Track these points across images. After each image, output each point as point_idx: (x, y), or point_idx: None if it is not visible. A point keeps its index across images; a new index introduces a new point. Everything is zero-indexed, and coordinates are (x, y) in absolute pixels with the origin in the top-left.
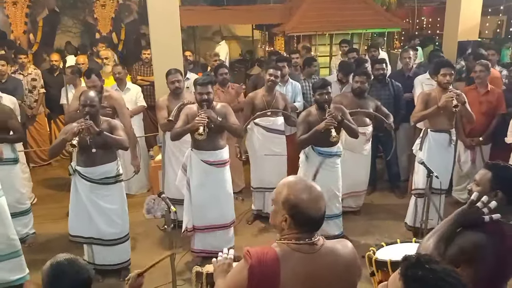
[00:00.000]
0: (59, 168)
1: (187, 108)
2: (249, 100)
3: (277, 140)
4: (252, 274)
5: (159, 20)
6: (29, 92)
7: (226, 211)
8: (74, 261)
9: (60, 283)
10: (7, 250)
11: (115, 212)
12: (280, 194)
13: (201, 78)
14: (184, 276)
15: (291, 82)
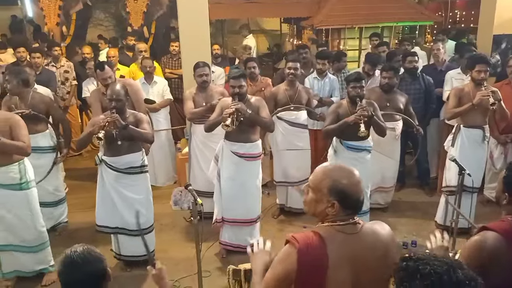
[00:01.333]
0: (90, 158)
1: (222, 100)
2: (272, 95)
3: (300, 134)
4: (301, 257)
5: (188, 13)
6: (62, 84)
7: (252, 206)
8: (88, 252)
9: (72, 274)
10: (35, 242)
11: (140, 202)
12: (321, 182)
13: (234, 71)
14: (209, 267)
15: (329, 77)
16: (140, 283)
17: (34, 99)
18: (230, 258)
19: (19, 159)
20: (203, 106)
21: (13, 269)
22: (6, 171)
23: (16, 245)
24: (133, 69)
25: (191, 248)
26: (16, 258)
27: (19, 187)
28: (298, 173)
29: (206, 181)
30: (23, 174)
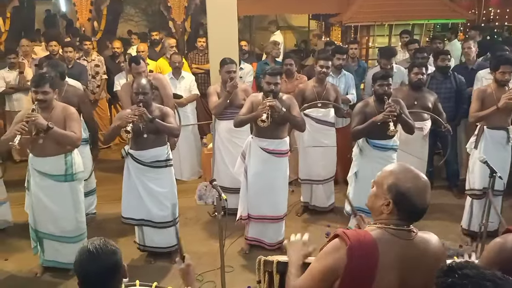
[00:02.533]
0: (118, 151)
1: (252, 96)
2: (300, 91)
3: (327, 132)
4: (352, 254)
5: (217, 9)
6: (92, 77)
7: (279, 202)
8: (104, 245)
9: (87, 265)
10: (74, 233)
11: (165, 195)
12: (386, 178)
13: (271, 67)
14: (232, 263)
15: (344, 74)
16: (163, 274)
17: (68, 92)
18: (253, 254)
19: (67, 151)
20: (226, 102)
21: (53, 259)
22: (53, 161)
23: (57, 236)
24: (160, 64)
25: (214, 242)
26: (56, 249)
27: (64, 178)
28: (324, 171)
29: (230, 177)
30: (69, 166)
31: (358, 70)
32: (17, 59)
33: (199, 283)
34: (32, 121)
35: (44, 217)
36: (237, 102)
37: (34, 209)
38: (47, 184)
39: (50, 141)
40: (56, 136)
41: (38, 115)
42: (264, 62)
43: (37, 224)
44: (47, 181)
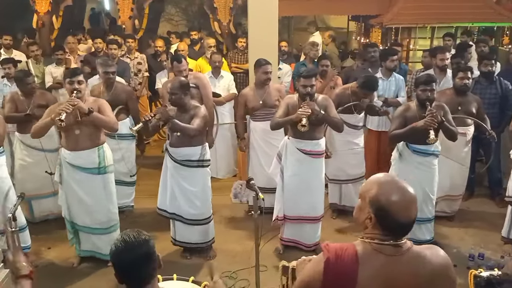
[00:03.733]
0: (158, 147)
1: (287, 97)
2: (335, 97)
3: (356, 132)
4: (328, 268)
5: (258, 9)
6: (134, 75)
7: (316, 203)
8: (138, 234)
9: (122, 255)
10: (108, 224)
11: (195, 195)
12: (368, 192)
13: (306, 70)
14: (265, 262)
15: (395, 76)
16: (197, 270)
17: (117, 88)
18: (287, 255)
19: (100, 144)
20: (259, 103)
21: (89, 249)
22: (87, 155)
23: (93, 228)
24: (200, 63)
25: (248, 241)
26: (91, 240)
27: (97, 171)
28: (352, 172)
29: (265, 177)
30: (101, 159)
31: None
32: (64, 55)
33: (233, 281)
34: (74, 105)
35: (79, 210)
36: (270, 102)
37: (68, 202)
38: (80, 177)
39: (84, 134)
40: (97, 120)
41: (79, 100)
42: (301, 63)
43: (72, 216)
44: (81, 175)
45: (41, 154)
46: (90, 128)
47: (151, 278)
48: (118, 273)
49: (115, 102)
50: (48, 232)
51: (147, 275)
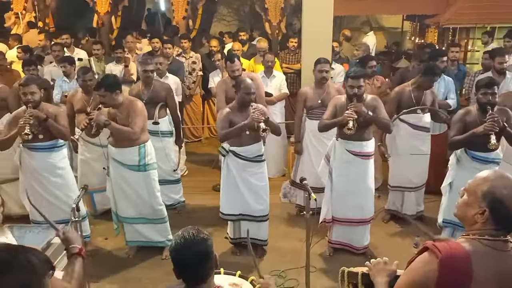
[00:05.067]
0: (209, 145)
1: (335, 98)
2: (395, 95)
3: (422, 137)
4: (443, 268)
5: (313, 9)
6: (189, 74)
7: (366, 205)
8: (197, 233)
9: (181, 252)
10: (153, 216)
11: (264, 189)
12: (479, 186)
13: (353, 70)
14: (314, 263)
15: (444, 78)
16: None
17: (156, 86)
18: (336, 257)
19: (141, 142)
20: (318, 102)
21: (135, 239)
22: (127, 152)
23: (137, 218)
24: (252, 62)
25: (297, 241)
26: (137, 230)
27: (137, 168)
28: (416, 179)
29: (315, 176)
30: (142, 157)
31: (458, 74)
32: (123, 54)
33: (282, 280)
34: (92, 120)
35: (124, 202)
36: (329, 101)
37: (114, 194)
38: (123, 172)
39: None
40: (113, 130)
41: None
42: (355, 63)
43: (118, 208)
44: (123, 170)
45: (99, 149)
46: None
47: (207, 277)
48: (176, 269)
49: (155, 99)
50: (106, 223)
51: (204, 274)
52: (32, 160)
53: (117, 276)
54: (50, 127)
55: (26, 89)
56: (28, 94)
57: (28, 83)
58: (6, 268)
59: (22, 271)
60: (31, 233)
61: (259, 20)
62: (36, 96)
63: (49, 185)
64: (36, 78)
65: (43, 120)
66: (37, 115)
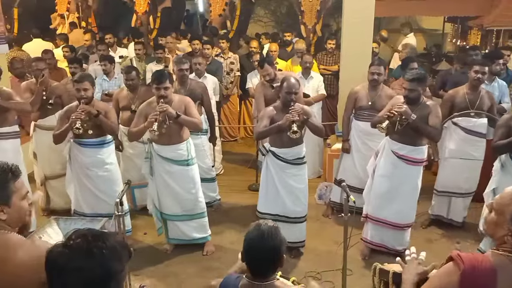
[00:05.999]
0: (244, 144)
1: (395, 98)
2: (449, 98)
3: (476, 143)
4: (465, 280)
5: (354, 10)
6: (227, 74)
7: (404, 211)
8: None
9: (257, 243)
10: (194, 211)
11: (302, 191)
12: (507, 206)
13: (411, 73)
14: (351, 266)
15: (497, 81)
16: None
17: (192, 85)
18: (373, 258)
19: (187, 138)
20: (368, 104)
21: (176, 237)
22: (177, 148)
23: (180, 215)
24: (290, 64)
25: (333, 242)
26: (179, 228)
27: (186, 163)
28: (466, 185)
29: (357, 178)
30: (189, 152)
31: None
32: (163, 54)
33: (317, 282)
34: (163, 111)
35: (169, 200)
36: (379, 105)
37: (159, 192)
38: (171, 169)
39: (174, 130)
40: (185, 122)
41: (167, 105)
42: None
43: (162, 206)
44: (172, 167)
45: (141, 146)
46: (179, 125)
47: (273, 273)
48: (246, 256)
49: (191, 97)
50: (145, 218)
51: (270, 269)
52: (81, 155)
53: (156, 270)
54: (101, 122)
55: (79, 86)
56: (81, 90)
57: (82, 79)
58: (88, 253)
59: (103, 257)
60: (76, 225)
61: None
62: (89, 92)
63: (97, 180)
64: (90, 75)
65: (94, 116)
66: (89, 111)
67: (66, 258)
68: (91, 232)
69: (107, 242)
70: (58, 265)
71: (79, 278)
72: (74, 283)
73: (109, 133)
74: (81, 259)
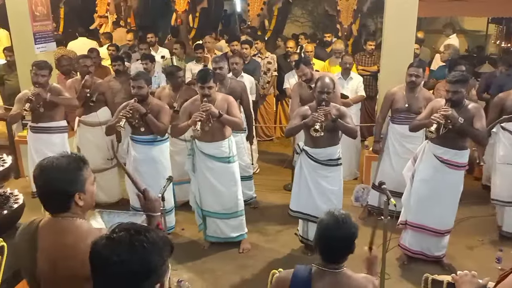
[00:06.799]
0: (280, 144)
1: (435, 101)
2: (499, 101)
3: None
4: None
5: (396, 10)
6: (264, 74)
7: (444, 216)
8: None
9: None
10: (233, 209)
11: (334, 193)
12: None
13: (453, 75)
14: (388, 270)
15: None
16: None
17: (232, 84)
18: (411, 266)
19: (228, 136)
20: (405, 106)
21: (214, 235)
22: (219, 146)
23: (219, 213)
24: (327, 64)
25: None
26: (218, 226)
27: (227, 160)
28: None
29: (395, 181)
30: (230, 149)
31: None
32: (203, 53)
33: None
34: (207, 110)
35: (210, 197)
36: (416, 107)
37: (200, 189)
38: (213, 165)
39: (217, 128)
40: (226, 121)
41: (211, 105)
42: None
43: (202, 203)
44: (214, 163)
45: (182, 143)
46: (221, 123)
47: (345, 259)
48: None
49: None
50: (184, 214)
51: (344, 256)
52: (134, 151)
53: (193, 265)
54: (149, 121)
55: (135, 83)
56: (135, 88)
57: (137, 77)
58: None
59: (145, 251)
60: (119, 217)
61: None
62: (143, 90)
63: (145, 175)
64: (146, 73)
65: (143, 115)
66: (138, 109)
67: (109, 250)
68: (134, 226)
69: (149, 237)
70: (101, 257)
71: (120, 270)
72: (115, 274)
73: (156, 133)
74: (123, 252)
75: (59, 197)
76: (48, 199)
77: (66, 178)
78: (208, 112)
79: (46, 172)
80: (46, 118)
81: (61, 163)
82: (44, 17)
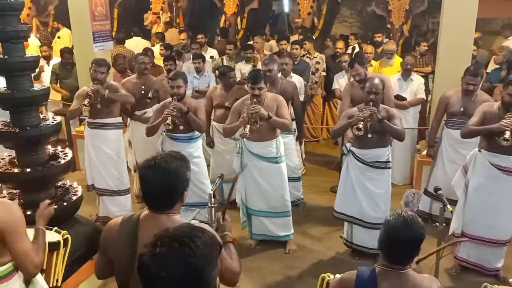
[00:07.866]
0: (326, 146)
1: (487, 105)
2: None
3: None
4: None
5: (455, 10)
6: (312, 74)
7: (503, 226)
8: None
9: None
10: (280, 209)
11: (380, 197)
12: None
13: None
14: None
15: None
16: None
17: (283, 84)
18: (464, 276)
19: (277, 136)
20: (460, 110)
21: (260, 233)
22: (267, 145)
23: (265, 211)
24: (378, 65)
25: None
26: (263, 224)
27: (275, 160)
28: None
29: (447, 187)
30: (278, 149)
31: None
32: (252, 54)
33: None
34: (256, 112)
35: (256, 196)
36: (472, 110)
37: (246, 187)
38: (261, 165)
39: (265, 129)
40: (275, 123)
41: (260, 107)
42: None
43: (248, 201)
44: (262, 163)
45: (232, 142)
46: (270, 124)
47: (410, 261)
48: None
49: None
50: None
51: (411, 257)
52: (172, 148)
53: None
54: (190, 119)
55: (173, 83)
56: (175, 88)
57: (176, 77)
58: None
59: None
60: None
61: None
62: (182, 89)
63: None
64: (183, 73)
65: (184, 113)
66: (180, 108)
67: (156, 266)
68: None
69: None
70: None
71: (170, 284)
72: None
73: (196, 129)
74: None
75: (175, 196)
76: (161, 198)
77: (182, 179)
78: (257, 114)
79: (164, 174)
80: (103, 114)
81: (175, 164)
82: (103, 17)
